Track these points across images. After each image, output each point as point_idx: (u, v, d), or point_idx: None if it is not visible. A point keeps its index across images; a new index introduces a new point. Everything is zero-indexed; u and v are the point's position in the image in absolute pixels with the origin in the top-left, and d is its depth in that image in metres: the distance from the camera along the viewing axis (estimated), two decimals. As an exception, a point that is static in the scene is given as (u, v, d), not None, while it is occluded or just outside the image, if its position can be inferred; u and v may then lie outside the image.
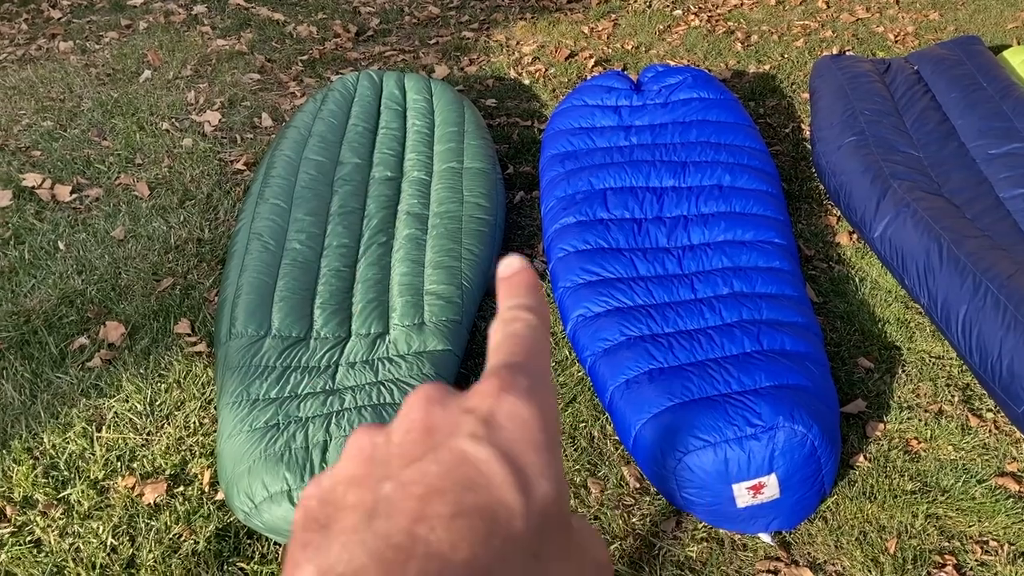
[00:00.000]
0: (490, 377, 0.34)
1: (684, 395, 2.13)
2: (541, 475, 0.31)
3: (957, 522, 2.12)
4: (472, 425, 0.32)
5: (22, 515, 2.15)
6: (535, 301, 0.39)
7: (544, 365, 0.36)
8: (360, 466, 0.32)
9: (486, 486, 0.30)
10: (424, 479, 0.30)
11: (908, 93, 3.48)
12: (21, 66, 4.51)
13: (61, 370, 2.57)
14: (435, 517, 0.29)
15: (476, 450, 0.31)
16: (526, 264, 0.40)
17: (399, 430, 0.33)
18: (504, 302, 0.39)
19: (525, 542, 0.30)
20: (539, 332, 0.37)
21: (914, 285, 2.66)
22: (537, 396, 0.34)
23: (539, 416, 0.33)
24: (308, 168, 3.05)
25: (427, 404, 0.33)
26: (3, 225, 3.19)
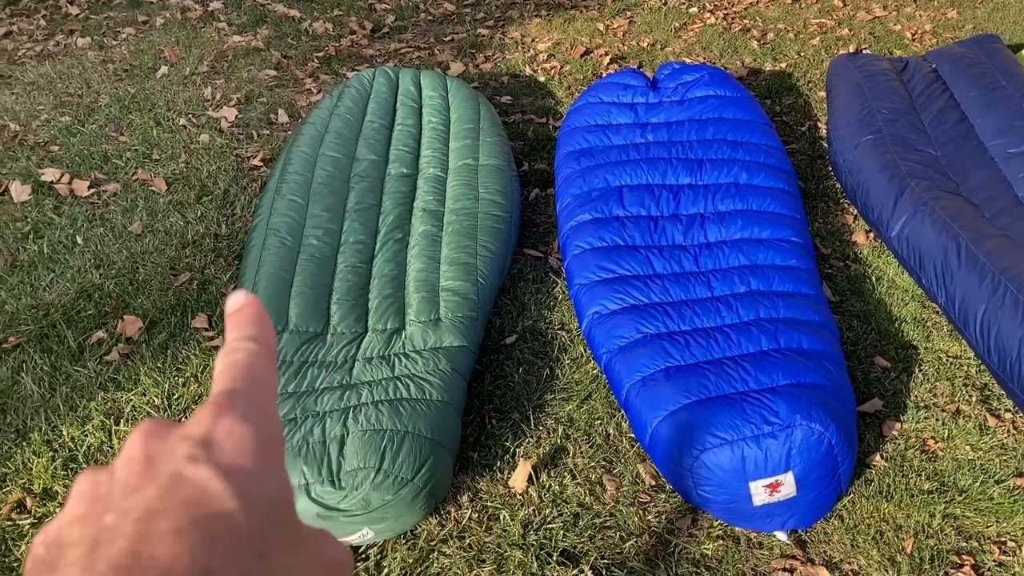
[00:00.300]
0: (207, 405, 0.36)
1: (701, 393, 2.13)
2: (260, 484, 0.34)
3: (975, 522, 2.11)
4: (188, 448, 0.34)
5: (42, 507, 2.17)
6: (259, 331, 0.41)
7: (262, 387, 0.39)
8: (84, 505, 0.34)
9: (205, 500, 0.32)
10: (143, 504, 0.32)
11: (926, 92, 3.46)
12: (39, 62, 4.54)
13: (79, 363, 2.58)
14: (156, 535, 0.30)
15: (194, 470, 0.33)
16: (252, 299, 0.43)
17: (120, 466, 0.35)
18: (229, 334, 0.42)
19: (248, 545, 0.32)
20: (259, 358, 0.40)
21: (931, 284, 2.65)
22: (253, 416, 0.36)
23: (254, 433, 0.36)
24: (325, 164, 3.06)
25: (145, 437, 0.35)
26: (22, 219, 3.21)
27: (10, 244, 3.08)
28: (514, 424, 2.39)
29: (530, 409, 2.43)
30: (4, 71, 4.46)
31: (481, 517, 2.15)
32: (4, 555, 2.05)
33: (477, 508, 2.17)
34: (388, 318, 2.48)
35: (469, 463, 2.28)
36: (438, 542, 2.08)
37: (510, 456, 2.31)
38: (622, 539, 2.09)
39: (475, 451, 2.31)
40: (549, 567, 2.02)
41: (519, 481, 2.22)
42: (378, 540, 2.07)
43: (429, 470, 2.02)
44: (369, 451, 1.99)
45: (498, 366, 2.59)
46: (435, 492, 2.06)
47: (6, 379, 2.52)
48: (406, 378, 2.26)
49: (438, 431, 2.10)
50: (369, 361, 2.33)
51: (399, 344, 2.41)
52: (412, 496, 1.99)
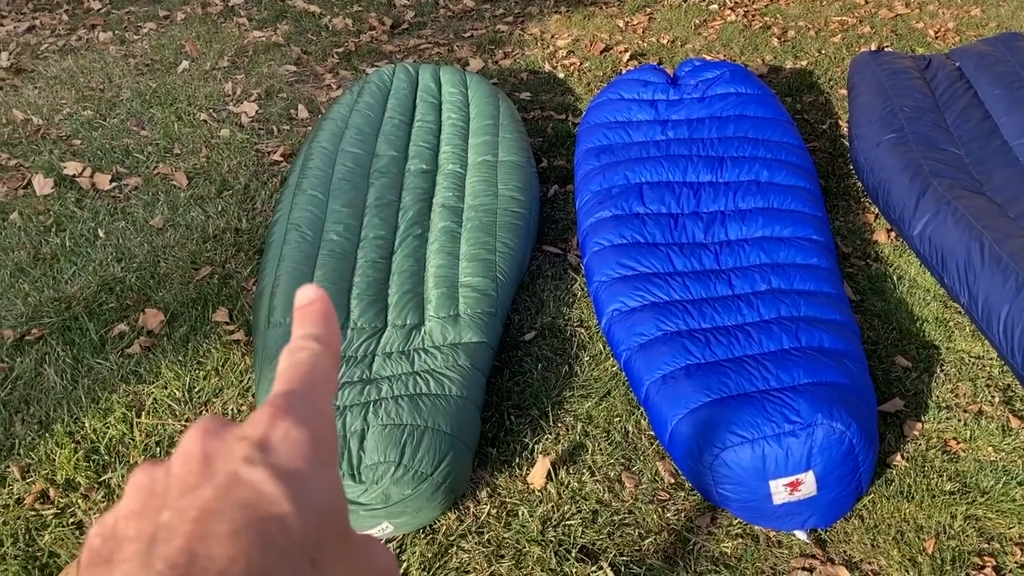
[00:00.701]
0: (266, 405, 0.36)
1: (721, 391, 2.12)
2: (315, 489, 0.34)
3: (997, 524, 2.09)
4: (246, 450, 0.34)
5: (64, 497, 2.19)
6: (324, 330, 0.41)
7: (322, 391, 0.39)
8: (140, 500, 0.34)
9: (261, 503, 0.32)
10: (200, 503, 0.32)
11: (949, 90, 3.44)
12: (62, 56, 4.57)
13: (101, 356, 2.60)
14: (213, 536, 0.31)
15: (251, 472, 0.33)
16: (321, 294, 0.43)
17: (177, 463, 0.35)
18: (295, 331, 0.41)
19: (302, 551, 0.32)
20: (322, 359, 0.40)
21: (954, 284, 2.63)
22: (310, 419, 0.36)
23: (311, 438, 0.36)
24: (345, 160, 3.07)
25: (203, 435, 0.35)
26: (45, 213, 3.24)
27: (33, 237, 3.10)
28: (533, 421, 2.40)
29: (549, 406, 2.43)
30: (27, 65, 4.49)
31: (500, 513, 2.15)
32: (28, 544, 2.07)
33: (496, 504, 2.17)
34: (408, 313, 2.49)
35: (488, 459, 2.28)
36: (457, 537, 2.09)
37: (529, 452, 2.31)
38: (641, 536, 2.09)
39: (494, 447, 2.32)
40: (568, 563, 2.02)
41: (538, 477, 2.22)
42: (397, 534, 2.07)
43: (448, 465, 2.02)
44: (389, 446, 1.99)
45: (517, 362, 2.59)
46: (454, 487, 2.06)
47: (29, 371, 2.54)
48: (426, 373, 2.26)
49: (457, 427, 2.10)
50: (389, 356, 2.34)
51: (418, 339, 2.41)
52: (431, 491, 2.00)
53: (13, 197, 3.34)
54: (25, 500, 2.17)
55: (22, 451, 2.31)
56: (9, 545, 2.06)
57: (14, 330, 2.68)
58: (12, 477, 2.23)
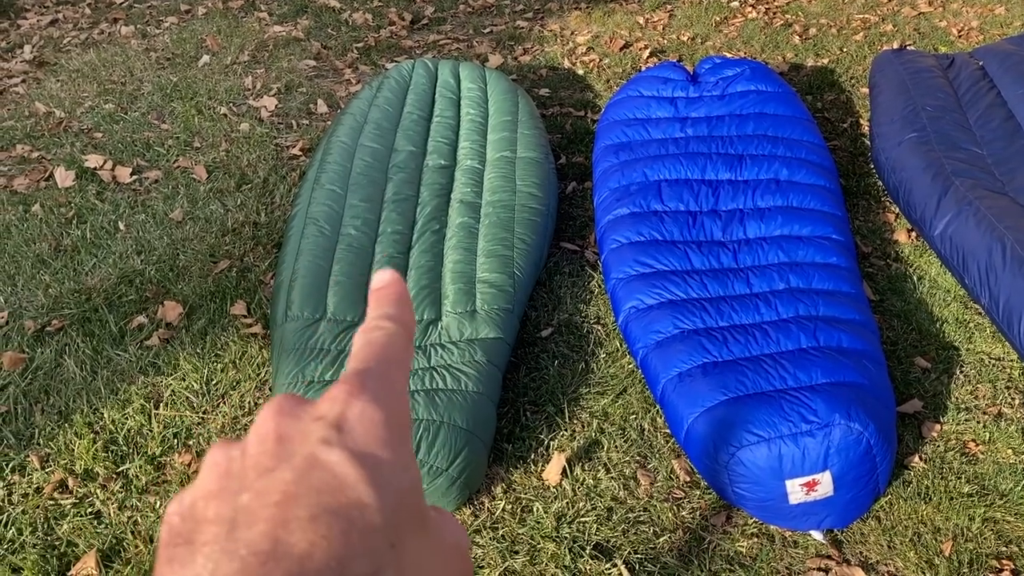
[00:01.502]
0: (340, 384, 0.36)
1: (738, 390, 2.11)
2: (392, 471, 0.34)
3: (1016, 527, 2.07)
4: (322, 431, 0.34)
5: (83, 487, 2.20)
6: (399, 311, 0.41)
7: (397, 369, 0.39)
8: (217, 480, 0.34)
9: (340, 487, 0.32)
10: (280, 487, 0.32)
11: (972, 89, 3.40)
12: (84, 50, 4.61)
13: (120, 347, 2.62)
14: (293, 521, 0.31)
15: (328, 454, 0.33)
16: (396, 277, 0.43)
17: (253, 443, 0.34)
18: (370, 311, 0.42)
19: (382, 534, 0.32)
20: (397, 339, 0.40)
21: (975, 285, 2.60)
22: (385, 398, 0.36)
23: (386, 417, 0.35)
24: (363, 155, 3.07)
25: (278, 415, 0.35)
26: (66, 205, 3.26)
27: (54, 229, 3.13)
28: (548, 417, 2.39)
29: (565, 402, 2.43)
30: (50, 59, 4.53)
31: (514, 509, 2.15)
32: (47, 533, 2.09)
33: (511, 500, 2.17)
34: (425, 309, 2.49)
35: (503, 455, 2.29)
36: (471, 532, 2.09)
37: (544, 449, 2.31)
38: (656, 534, 2.09)
39: (509, 443, 2.32)
40: (582, 560, 2.02)
41: (553, 474, 2.22)
42: (412, 529, 2.07)
43: (464, 460, 2.02)
44: (405, 440, 2.00)
45: (533, 359, 2.59)
46: (469, 482, 2.06)
47: (50, 361, 2.56)
48: (442, 368, 2.26)
49: (473, 422, 2.11)
50: (405, 351, 2.34)
51: (435, 335, 2.41)
52: (447, 486, 2.00)
53: (35, 189, 3.37)
54: (44, 489, 2.19)
55: (42, 441, 2.33)
56: (28, 534, 2.08)
57: (35, 321, 2.70)
58: (32, 466, 2.25)
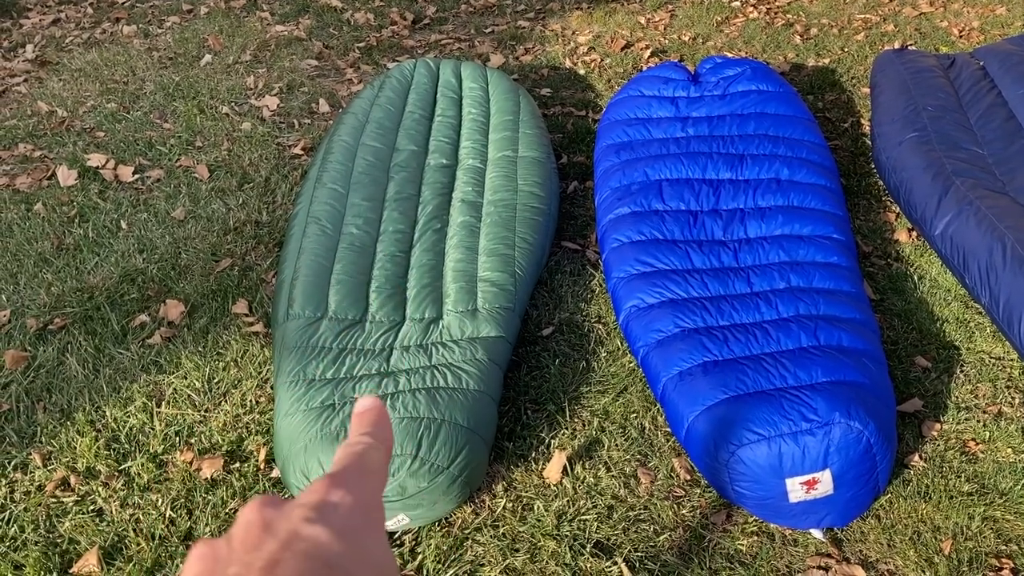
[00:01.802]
0: (322, 478, 0.39)
1: (739, 388, 2.12)
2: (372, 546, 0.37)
3: (1015, 526, 2.08)
4: (304, 512, 0.37)
5: (85, 485, 2.21)
6: (378, 431, 0.46)
7: (372, 476, 0.42)
8: (203, 565, 0.36)
9: (322, 554, 0.34)
10: (265, 555, 0.34)
11: (973, 89, 3.41)
12: (86, 49, 4.61)
13: (123, 346, 2.63)
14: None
15: (310, 529, 0.35)
16: (376, 403, 0.48)
17: (238, 531, 0.37)
18: (352, 431, 0.46)
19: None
20: (374, 453, 0.44)
21: (975, 284, 2.61)
22: (362, 491, 0.39)
23: (363, 505, 0.39)
24: (365, 154, 3.08)
25: (260, 507, 0.38)
26: (68, 204, 3.27)
27: (56, 227, 3.14)
28: (549, 415, 2.40)
29: (566, 401, 2.44)
30: (52, 58, 4.54)
31: (515, 507, 2.16)
32: (49, 531, 2.10)
33: (511, 498, 2.18)
34: (426, 307, 2.50)
35: (504, 453, 2.29)
36: (472, 530, 2.10)
37: (545, 447, 2.31)
38: (656, 532, 2.09)
39: (510, 441, 2.32)
40: (582, 558, 2.03)
41: (553, 472, 2.23)
42: (413, 526, 2.08)
43: (465, 458, 2.03)
44: (406, 438, 2.00)
45: (534, 357, 2.60)
46: (470, 480, 2.07)
47: (52, 360, 2.57)
48: (443, 367, 2.27)
49: (474, 420, 2.11)
50: (407, 349, 2.35)
51: (437, 333, 2.42)
52: (448, 484, 2.01)
53: (37, 188, 3.38)
54: (46, 487, 2.20)
55: (44, 439, 2.34)
56: (30, 531, 2.09)
57: (37, 319, 2.71)
58: (34, 464, 2.26)
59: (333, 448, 1.99)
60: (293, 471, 2.01)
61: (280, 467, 2.08)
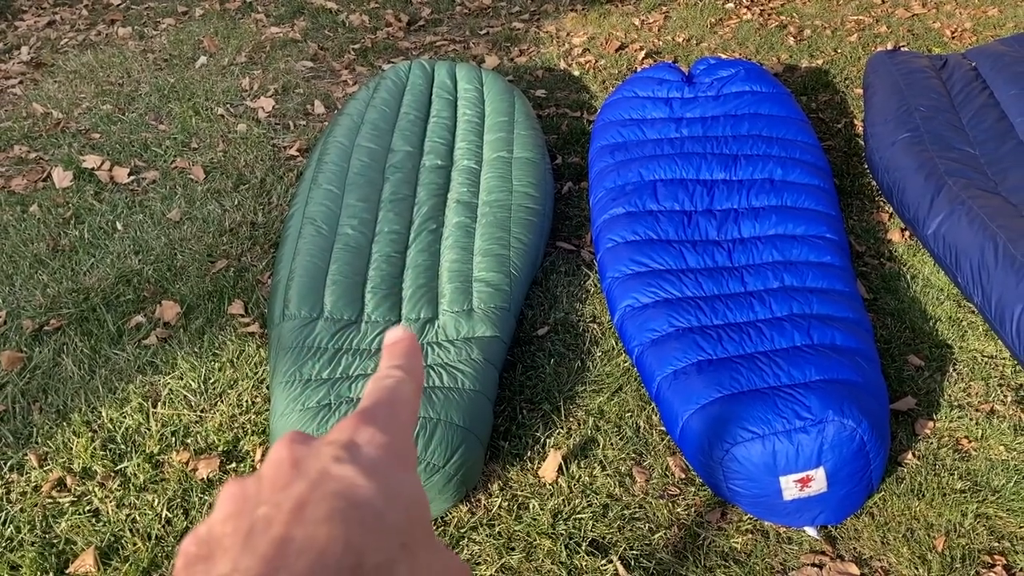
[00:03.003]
0: (351, 416, 0.39)
1: (733, 387, 2.13)
2: (401, 484, 0.36)
3: (1008, 522, 2.09)
4: (334, 451, 0.36)
5: (81, 485, 2.21)
6: (408, 363, 0.45)
7: (403, 408, 0.42)
8: (234, 504, 0.36)
9: (352, 493, 0.34)
10: (295, 495, 0.34)
11: (965, 90, 3.43)
12: (82, 51, 4.62)
13: (118, 347, 2.63)
14: (310, 521, 0.33)
15: (340, 468, 0.35)
16: (408, 334, 0.47)
17: (268, 469, 0.37)
18: (383, 363, 0.45)
19: (394, 534, 0.34)
20: (405, 385, 0.43)
21: (967, 283, 2.62)
22: (392, 429, 0.39)
23: (393, 441, 0.38)
24: (360, 155, 3.09)
25: (290, 444, 0.38)
26: (64, 205, 3.27)
27: (52, 229, 3.14)
28: (545, 415, 2.41)
29: (561, 400, 2.45)
30: (47, 60, 4.54)
31: (511, 506, 2.17)
32: (45, 531, 2.10)
33: (507, 497, 2.19)
34: (421, 307, 2.51)
35: (500, 452, 2.30)
36: (468, 529, 2.11)
37: (540, 446, 2.32)
38: (651, 531, 2.10)
39: (506, 441, 2.33)
40: (578, 556, 2.03)
41: (549, 471, 2.24)
42: (409, 526, 2.09)
43: (460, 458, 2.04)
44: (402, 437, 2.01)
45: (530, 357, 2.61)
46: (466, 480, 2.08)
47: (48, 360, 2.57)
48: (439, 367, 2.28)
49: (470, 419, 2.12)
50: (402, 349, 2.35)
51: (432, 333, 2.43)
52: (443, 483, 2.01)
53: (33, 190, 3.38)
54: (42, 488, 2.20)
55: (40, 439, 2.34)
56: (26, 532, 2.09)
57: (33, 320, 2.71)
58: (30, 465, 2.26)
59: (329, 447, 2.00)
60: (289, 470, 2.02)
61: (276, 467, 2.08)
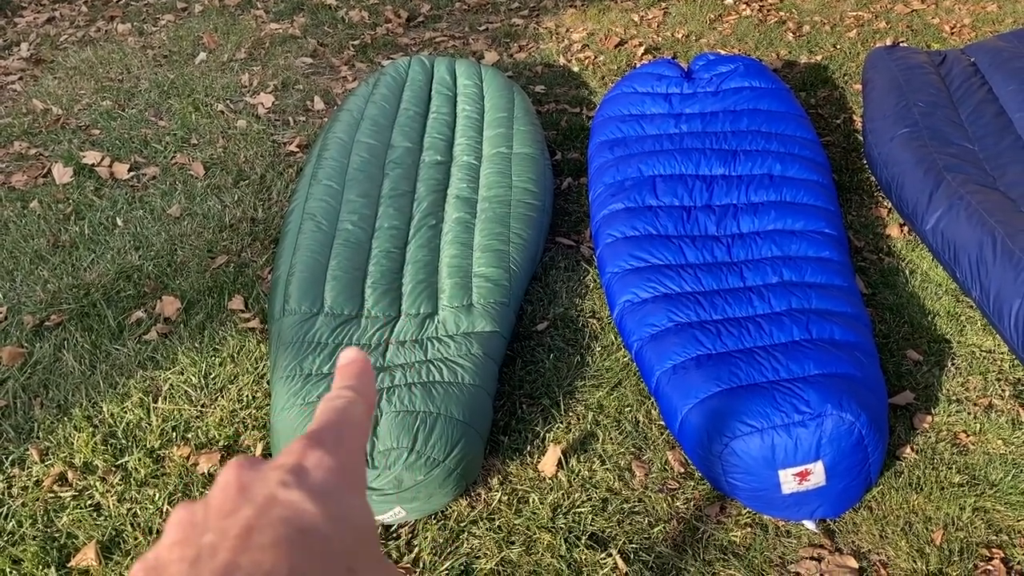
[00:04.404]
0: (299, 439, 0.40)
1: (731, 381, 2.14)
2: (349, 509, 0.37)
3: (1005, 516, 2.10)
4: (281, 475, 0.37)
5: (83, 480, 2.22)
6: (361, 384, 0.45)
7: (354, 431, 0.42)
8: (181, 531, 0.36)
9: (298, 518, 0.34)
10: (241, 522, 0.34)
11: (964, 85, 3.43)
12: (81, 47, 4.62)
13: (119, 342, 2.64)
14: (256, 547, 0.33)
15: (287, 493, 0.35)
16: (360, 355, 0.47)
17: (215, 494, 0.37)
18: (335, 384, 0.46)
19: (341, 558, 0.34)
20: (356, 406, 0.43)
21: (966, 278, 2.63)
22: (341, 452, 0.39)
23: (342, 464, 0.39)
24: (360, 151, 3.09)
25: (238, 469, 0.38)
26: (64, 201, 3.28)
27: (52, 225, 3.14)
28: (544, 409, 2.42)
29: (560, 395, 2.45)
30: (47, 56, 4.54)
31: (511, 500, 2.17)
32: (47, 525, 2.11)
33: (507, 491, 2.20)
34: (421, 303, 2.51)
35: (499, 447, 2.31)
36: (468, 523, 2.11)
37: (540, 441, 2.33)
38: (650, 524, 2.11)
39: (505, 435, 2.34)
40: (577, 550, 2.04)
41: (549, 465, 2.24)
42: (409, 519, 2.10)
43: (460, 452, 2.04)
44: (402, 432, 2.02)
45: (529, 352, 2.61)
46: (466, 474, 2.08)
47: (48, 356, 2.58)
48: (439, 362, 2.28)
49: (470, 414, 2.13)
50: (402, 344, 2.36)
51: (432, 328, 2.43)
52: (443, 477, 2.02)
53: (33, 186, 3.39)
54: (44, 482, 2.21)
55: (41, 434, 2.34)
56: (28, 526, 2.10)
57: (34, 316, 2.72)
58: (31, 459, 2.27)
59: (330, 442, 2.00)
60: (290, 465, 2.02)
61: (277, 461, 2.09)
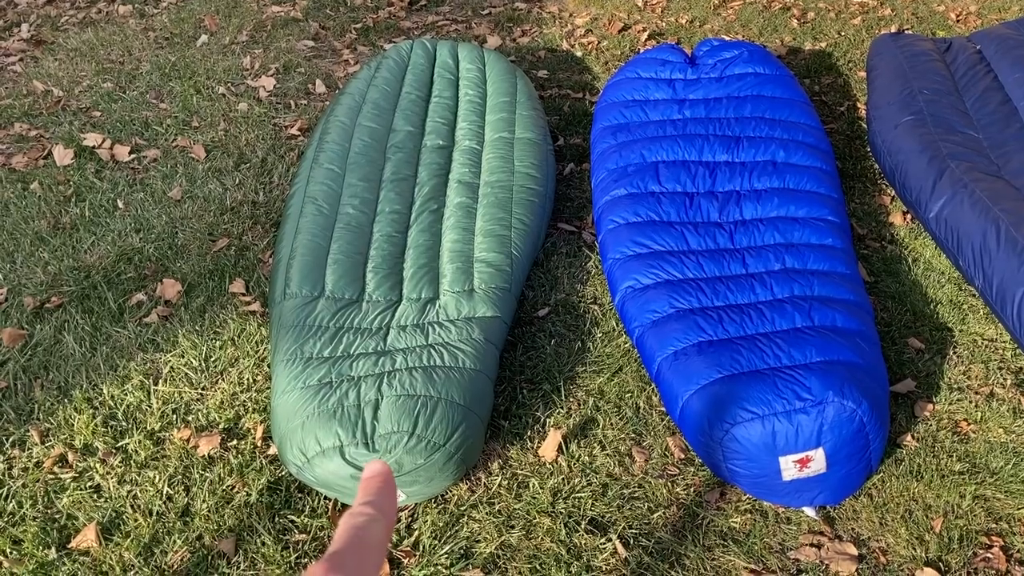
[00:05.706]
0: (321, 561, 0.42)
1: (733, 368, 2.13)
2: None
3: (1005, 504, 2.10)
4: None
5: (83, 462, 2.22)
6: (381, 500, 0.48)
7: (372, 551, 0.45)
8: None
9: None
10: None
11: (969, 73, 3.41)
12: (82, 29, 4.60)
13: (120, 324, 2.63)
14: None
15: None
16: (385, 469, 0.50)
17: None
18: (358, 498, 0.49)
19: None
20: (376, 526, 0.46)
21: (969, 266, 2.62)
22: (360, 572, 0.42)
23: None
24: (362, 135, 3.08)
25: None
26: (65, 183, 3.27)
27: (53, 207, 3.14)
28: (545, 395, 2.41)
29: (561, 381, 2.45)
30: (47, 37, 4.52)
31: (511, 484, 2.17)
32: (47, 507, 2.11)
33: (507, 475, 2.20)
34: (422, 287, 2.51)
35: (500, 431, 2.31)
36: (468, 507, 2.11)
37: (540, 426, 2.33)
38: (650, 510, 2.11)
39: (506, 420, 2.34)
40: (577, 535, 2.04)
41: (549, 450, 2.24)
42: (409, 503, 2.10)
43: (461, 436, 2.04)
44: (403, 416, 2.01)
45: (530, 338, 2.61)
46: (466, 458, 2.08)
47: (49, 338, 2.58)
48: (440, 346, 2.28)
49: (470, 398, 2.12)
50: (403, 329, 2.36)
51: (433, 313, 2.43)
52: (444, 461, 2.02)
53: (34, 167, 3.38)
54: (44, 464, 2.21)
55: (41, 416, 2.34)
56: (28, 507, 2.10)
57: (34, 298, 2.71)
58: (32, 441, 2.27)
59: (330, 425, 2.00)
60: (290, 448, 2.02)
61: (277, 444, 2.09)
